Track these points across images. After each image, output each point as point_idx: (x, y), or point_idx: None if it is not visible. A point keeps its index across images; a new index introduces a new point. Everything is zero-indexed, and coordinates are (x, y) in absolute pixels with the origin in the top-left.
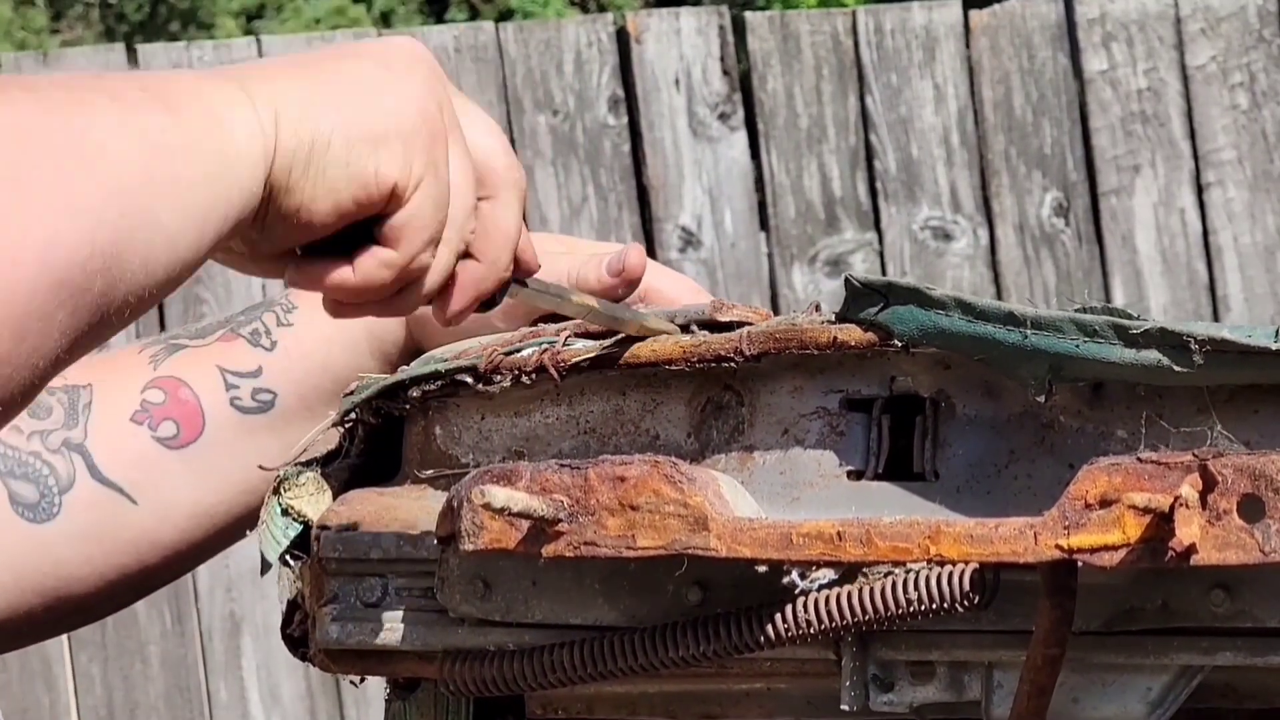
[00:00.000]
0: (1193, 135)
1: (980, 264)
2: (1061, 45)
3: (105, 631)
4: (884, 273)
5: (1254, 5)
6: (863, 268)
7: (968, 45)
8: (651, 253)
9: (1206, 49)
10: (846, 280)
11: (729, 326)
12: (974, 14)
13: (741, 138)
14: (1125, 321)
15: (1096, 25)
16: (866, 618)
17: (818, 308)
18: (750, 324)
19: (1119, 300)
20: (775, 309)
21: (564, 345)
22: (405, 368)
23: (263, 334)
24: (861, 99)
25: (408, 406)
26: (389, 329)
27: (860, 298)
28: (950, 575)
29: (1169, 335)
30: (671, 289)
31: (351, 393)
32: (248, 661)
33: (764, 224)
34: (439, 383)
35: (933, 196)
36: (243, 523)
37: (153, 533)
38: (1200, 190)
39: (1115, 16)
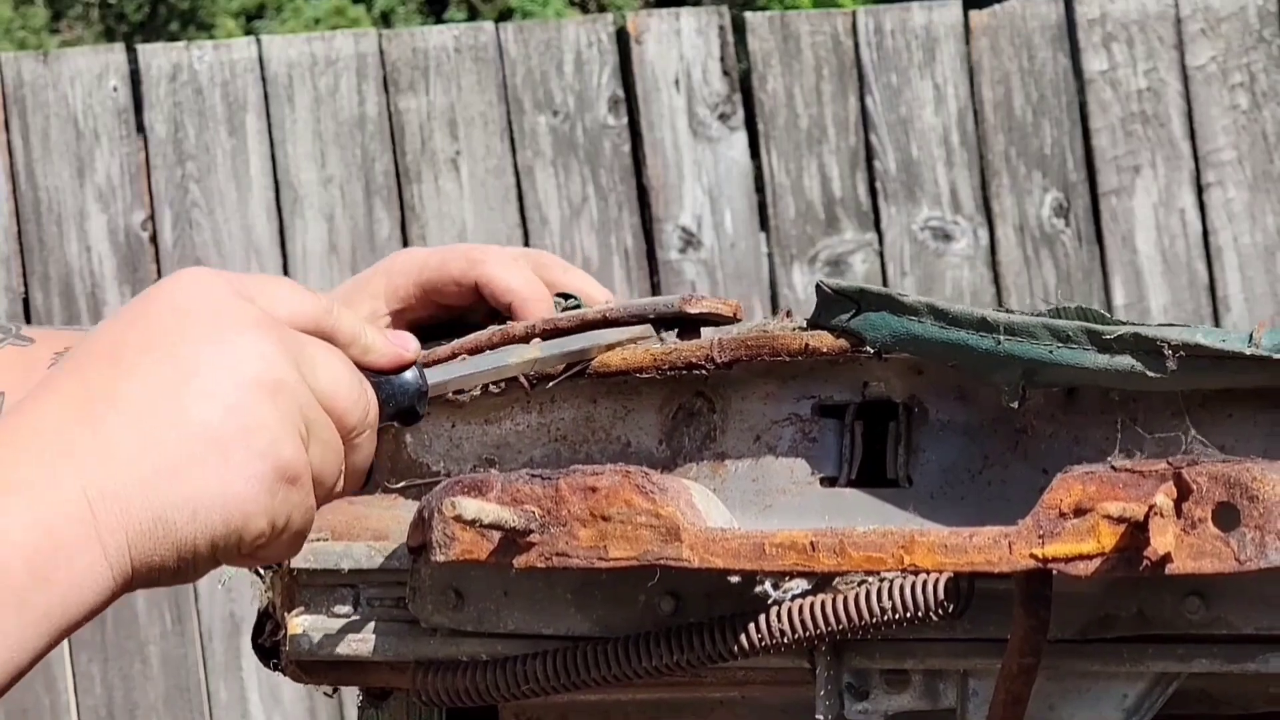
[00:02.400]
0: (1193, 135)
1: (980, 264)
2: (1062, 45)
3: (105, 631)
4: (884, 273)
5: (1254, 5)
6: (863, 268)
7: (968, 45)
8: (651, 253)
9: (1207, 49)
10: (818, 287)
11: (699, 320)
12: (974, 14)
13: (741, 138)
14: (1098, 327)
15: (1097, 25)
16: (840, 627)
17: (789, 314)
18: (720, 316)
19: (1119, 300)
20: (775, 309)
21: None
22: None
23: None
24: (861, 99)
25: None
26: None
27: (832, 304)
28: (924, 584)
29: (1142, 341)
30: (589, 288)
31: None
32: (248, 662)
33: (764, 224)
34: None
35: (933, 197)
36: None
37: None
38: (1200, 190)
39: (1115, 17)
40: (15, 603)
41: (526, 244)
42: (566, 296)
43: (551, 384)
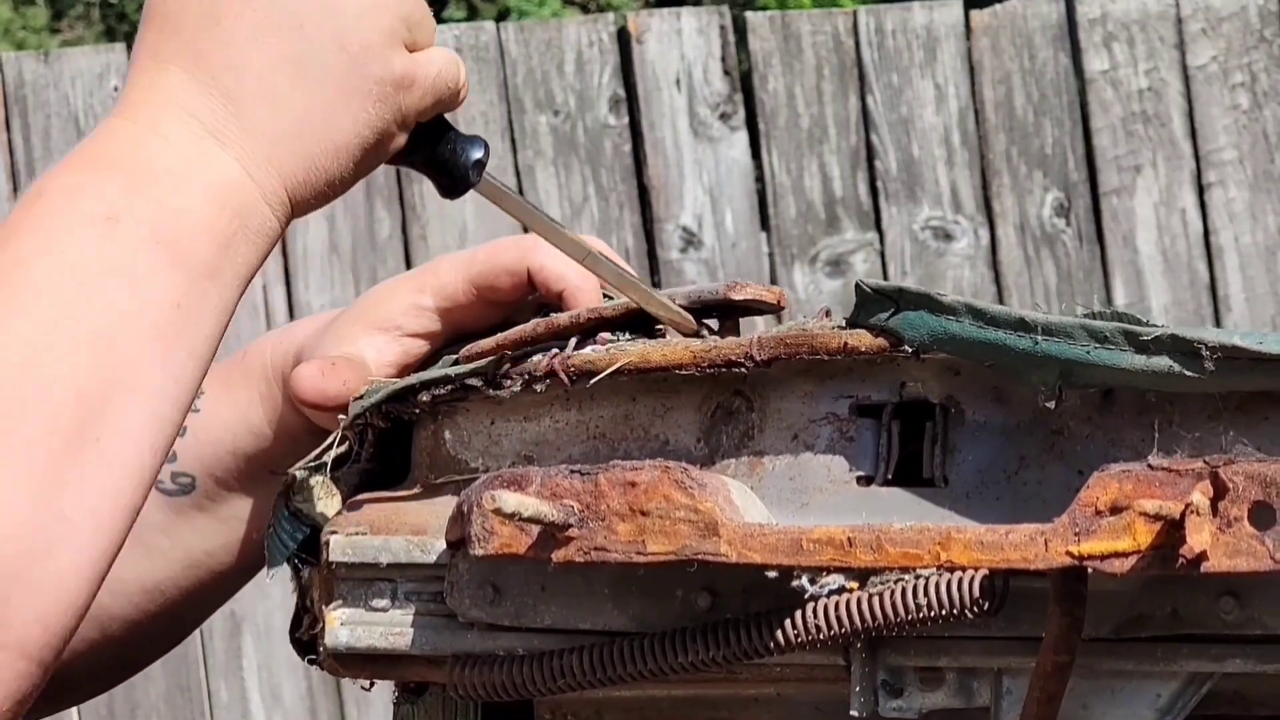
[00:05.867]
0: (1194, 135)
1: (981, 264)
2: (1063, 45)
3: None
4: (885, 273)
5: (1255, 5)
6: (863, 268)
7: (969, 45)
8: (652, 253)
9: (1208, 49)
10: (857, 286)
11: (743, 307)
12: (975, 14)
13: (742, 138)
14: (1136, 328)
15: (1098, 25)
16: (876, 624)
17: (828, 313)
18: (764, 303)
19: (1120, 300)
20: None
21: (574, 350)
22: (416, 373)
23: None
24: (862, 99)
25: (417, 411)
26: (293, 414)
27: (870, 303)
28: (960, 581)
29: (1180, 342)
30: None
31: (361, 397)
32: (248, 661)
33: (765, 224)
34: (449, 387)
35: (933, 196)
36: (191, 597)
37: (110, 609)
38: (1201, 190)
39: (1116, 16)
40: (210, 273)
41: None
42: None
43: (593, 381)
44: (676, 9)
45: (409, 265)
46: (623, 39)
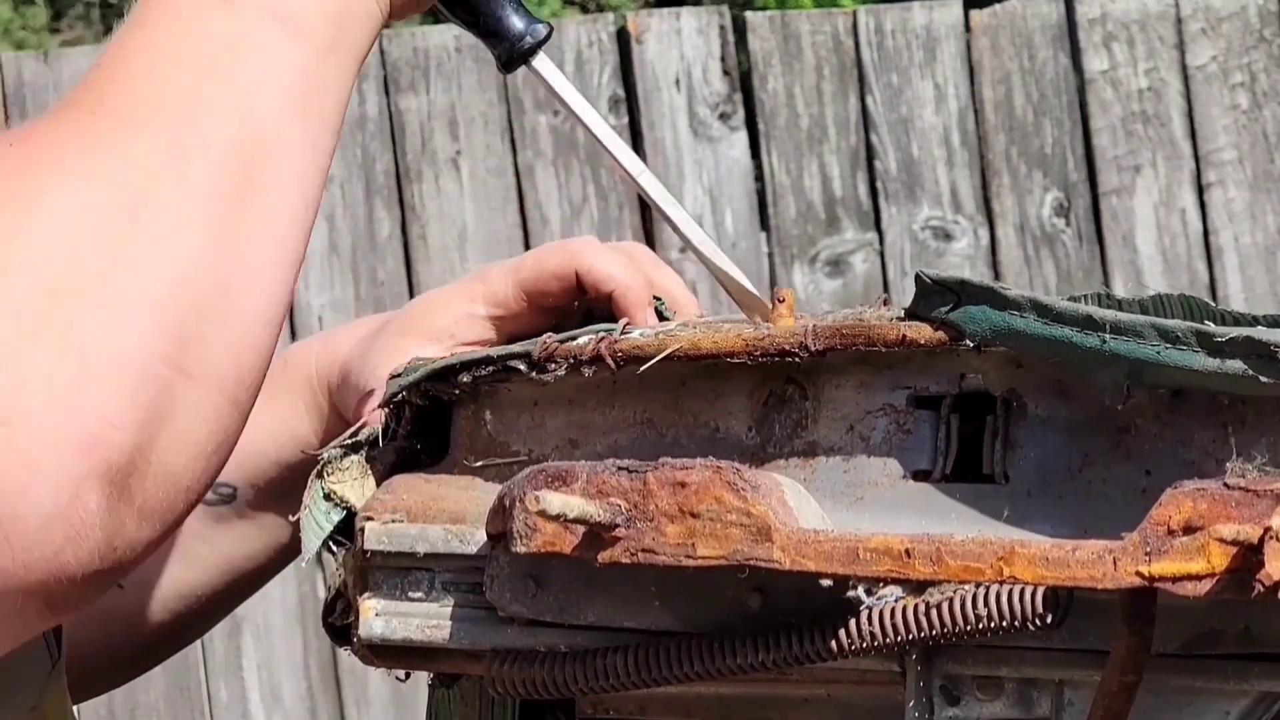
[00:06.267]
0: (1193, 135)
1: (981, 264)
2: (1062, 45)
3: None
4: (884, 273)
5: (1255, 5)
6: (863, 268)
7: (968, 45)
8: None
9: (1207, 49)
10: (918, 277)
11: None
12: (974, 14)
13: (742, 138)
14: (1209, 328)
15: (1097, 25)
16: (934, 633)
17: (886, 302)
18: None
19: None
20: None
21: (622, 334)
22: (457, 352)
23: None
24: (862, 99)
25: (457, 391)
26: (339, 425)
27: (931, 295)
28: (1022, 593)
29: (1255, 345)
30: (676, 290)
31: (400, 374)
32: (248, 661)
33: (764, 224)
34: (491, 368)
35: (933, 196)
36: (223, 599)
37: (144, 613)
38: (1201, 190)
39: (1116, 16)
40: (329, 45)
41: (526, 244)
42: (657, 299)
43: (643, 368)
44: (676, 9)
45: (409, 265)
46: (622, 39)
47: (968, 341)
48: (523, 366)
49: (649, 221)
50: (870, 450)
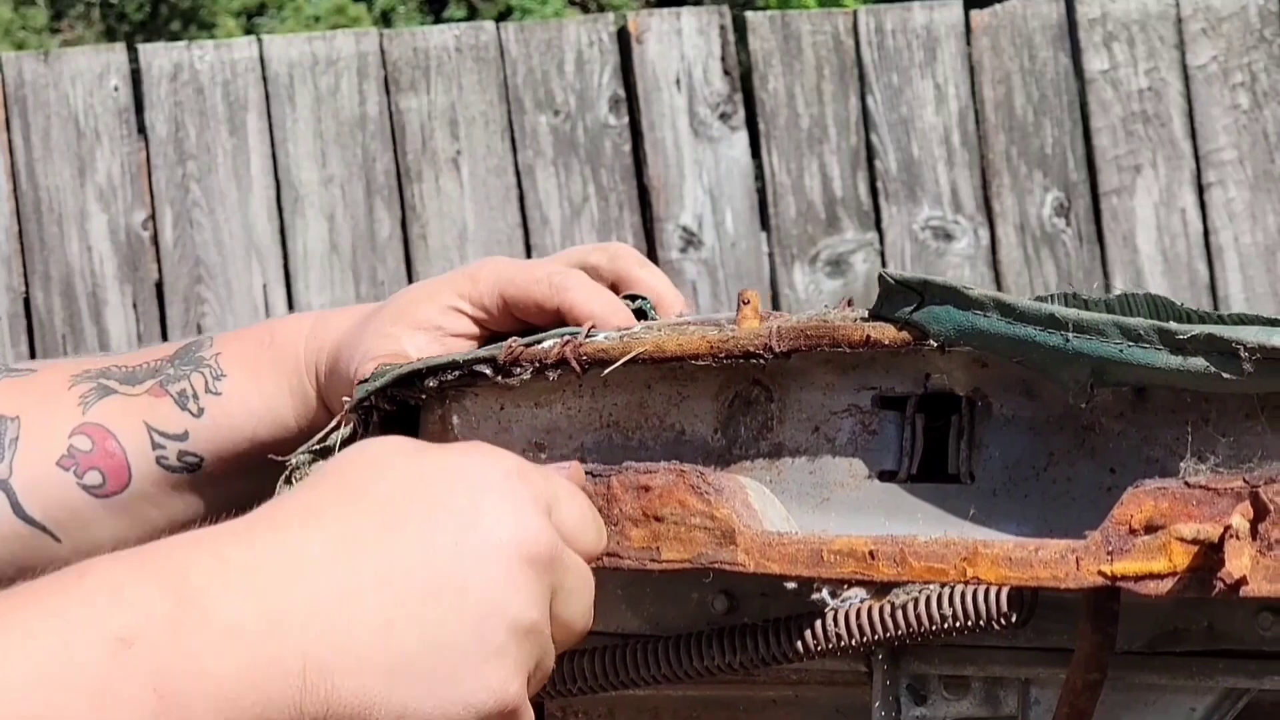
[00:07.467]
0: (1194, 135)
1: (981, 264)
2: (1062, 45)
3: None
4: None
5: (1255, 5)
6: (863, 268)
7: (969, 45)
8: (652, 253)
9: (1208, 49)
10: (880, 277)
11: None
12: (975, 14)
13: (742, 137)
14: (1171, 326)
15: (1098, 25)
16: (899, 633)
17: (850, 303)
18: None
19: None
20: (776, 309)
21: (586, 337)
22: (423, 357)
23: (190, 397)
24: (862, 99)
25: (424, 396)
26: (325, 414)
27: (895, 295)
28: (987, 592)
29: (1217, 342)
30: (661, 288)
31: (367, 380)
32: None
33: (765, 224)
34: (457, 373)
35: (933, 196)
36: None
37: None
38: (1201, 190)
39: (1116, 16)
40: None
41: (527, 244)
42: (634, 298)
43: (606, 371)
44: (676, 9)
45: (409, 265)
46: (623, 39)
47: (932, 342)
48: (488, 371)
49: (649, 221)
50: (836, 451)
